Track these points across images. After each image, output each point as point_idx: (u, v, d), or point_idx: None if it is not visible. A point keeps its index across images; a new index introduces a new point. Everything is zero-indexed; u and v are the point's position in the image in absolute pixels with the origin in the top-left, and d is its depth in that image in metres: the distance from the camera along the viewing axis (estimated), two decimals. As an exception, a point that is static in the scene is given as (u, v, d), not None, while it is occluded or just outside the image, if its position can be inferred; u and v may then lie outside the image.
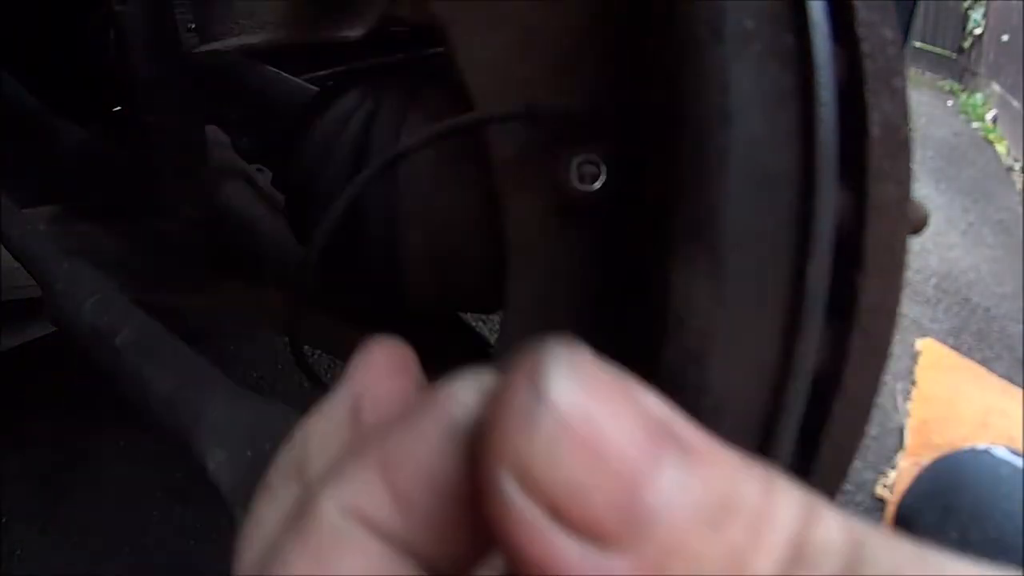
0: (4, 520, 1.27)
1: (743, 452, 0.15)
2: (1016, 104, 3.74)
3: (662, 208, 0.29)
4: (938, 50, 4.96)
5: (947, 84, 4.85)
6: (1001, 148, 3.66)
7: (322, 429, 0.19)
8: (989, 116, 4.08)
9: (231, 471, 0.36)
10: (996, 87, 4.14)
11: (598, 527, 0.13)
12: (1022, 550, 0.97)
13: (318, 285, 0.48)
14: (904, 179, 0.26)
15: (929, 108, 4.21)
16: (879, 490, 1.37)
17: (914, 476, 1.19)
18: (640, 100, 0.35)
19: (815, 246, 0.25)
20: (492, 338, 0.65)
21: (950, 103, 4.50)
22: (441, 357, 0.70)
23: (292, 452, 0.19)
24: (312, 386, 0.54)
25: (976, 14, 4.57)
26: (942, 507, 1.07)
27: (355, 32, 0.46)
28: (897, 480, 1.33)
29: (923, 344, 1.85)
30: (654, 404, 0.14)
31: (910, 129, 0.26)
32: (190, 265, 0.78)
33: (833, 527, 0.13)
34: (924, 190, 2.97)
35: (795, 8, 0.25)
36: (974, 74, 4.59)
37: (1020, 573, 0.13)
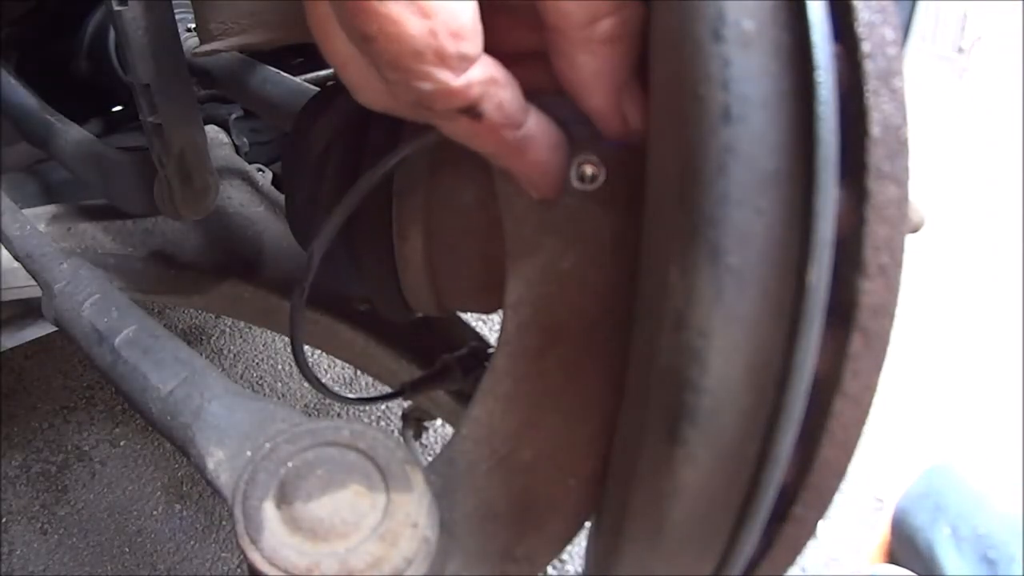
0: (4, 520, 1.27)
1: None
2: (1016, 104, 3.74)
3: (662, 208, 0.29)
4: (938, 50, 4.96)
5: (947, 84, 4.85)
6: (1001, 148, 3.66)
7: None
8: (989, 116, 4.07)
9: (230, 470, 0.35)
10: (996, 87, 4.13)
11: None
12: (1017, 545, 0.99)
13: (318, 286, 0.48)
14: (904, 179, 0.26)
15: (929, 107, 4.20)
16: (878, 490, 1.37)
17: (911, 479, 1.21)
18: (640, 100, 0.35)
19: (815, 246, 0.25)
20: (492, 338, 0.65)
21: (950, 103, 4.49)
22: (441, 357, 0.69)
23: None
24: (312, 386, 0.54)
25: (976, 14, 4.57)
26: (933, 506, 1.10)
27: (355, 32, 0.46)
28: (896, 481, 1.34)
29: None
30: None
31: (910, 129, 0.26)
32: (190, 265, 0.78)
33: None
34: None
35: (795, 8, 0.25)
36: (974, 74, 4.59)
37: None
